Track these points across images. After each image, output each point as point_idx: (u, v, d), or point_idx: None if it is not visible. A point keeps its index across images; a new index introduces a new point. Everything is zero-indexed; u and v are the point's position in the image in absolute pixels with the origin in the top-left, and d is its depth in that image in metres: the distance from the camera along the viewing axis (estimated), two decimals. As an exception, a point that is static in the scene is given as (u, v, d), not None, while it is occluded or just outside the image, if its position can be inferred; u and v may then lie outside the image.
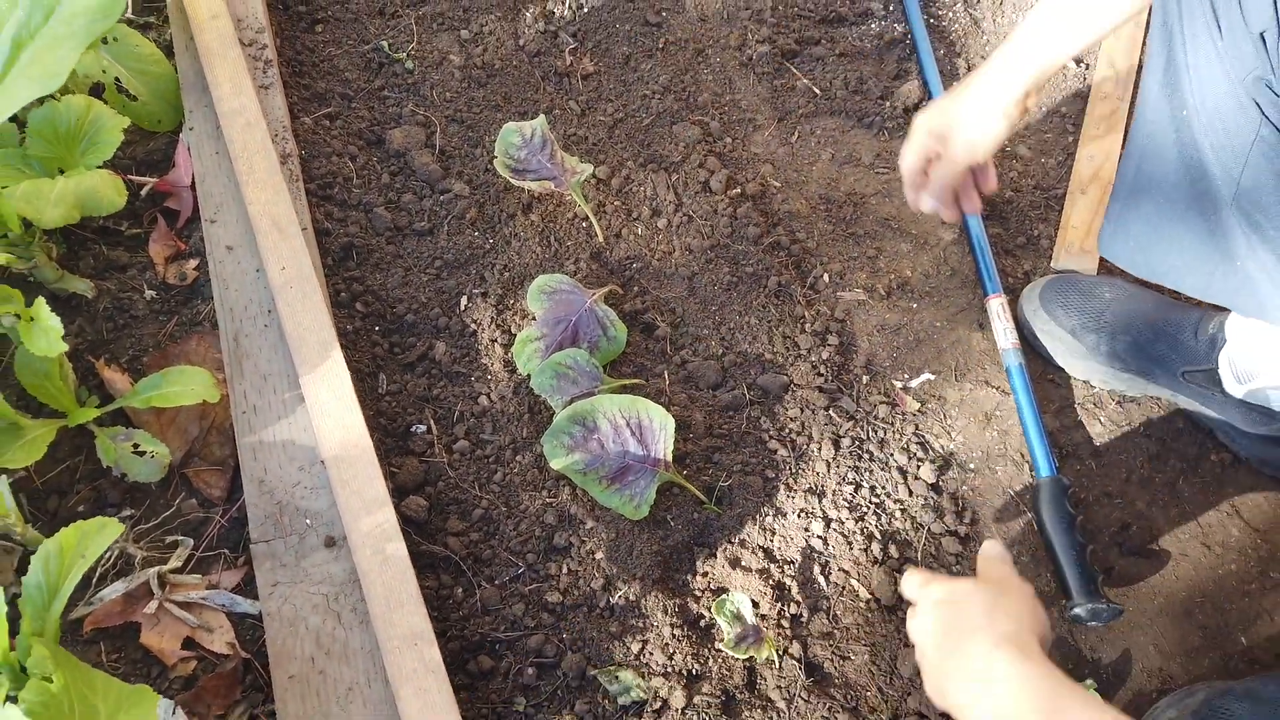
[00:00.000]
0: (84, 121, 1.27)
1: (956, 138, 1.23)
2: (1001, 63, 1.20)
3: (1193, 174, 1.03)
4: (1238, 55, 0.91)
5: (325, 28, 1.55)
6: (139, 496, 1.16)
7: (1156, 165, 1.07)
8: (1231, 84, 0.93)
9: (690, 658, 1.09)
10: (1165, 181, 1.07)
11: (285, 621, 1.05)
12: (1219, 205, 1.03)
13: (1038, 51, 1.18)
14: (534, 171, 1.34)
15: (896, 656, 1.11)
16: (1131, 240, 1.15)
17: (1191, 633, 1.18)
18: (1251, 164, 0.96)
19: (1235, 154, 0.97)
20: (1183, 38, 0.96)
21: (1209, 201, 1.04)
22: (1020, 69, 1.19)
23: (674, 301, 1.34)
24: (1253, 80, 0.91)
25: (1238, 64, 0.92)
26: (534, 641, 1.09)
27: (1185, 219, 1.08)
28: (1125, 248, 1.17)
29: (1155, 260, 1.14)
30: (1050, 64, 1.18)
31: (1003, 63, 1.20)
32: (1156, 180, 1.08)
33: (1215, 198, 1.03)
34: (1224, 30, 0.91)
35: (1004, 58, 1.20)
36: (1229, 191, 1.01)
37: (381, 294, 1.32)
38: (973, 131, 1.21)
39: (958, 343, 1.34)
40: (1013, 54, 1.19)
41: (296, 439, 1.15)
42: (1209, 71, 0.95)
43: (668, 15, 1.61)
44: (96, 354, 1.24)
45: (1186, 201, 1.06)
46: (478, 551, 1.15)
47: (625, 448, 1.15)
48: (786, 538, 1.17)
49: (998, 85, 1.20)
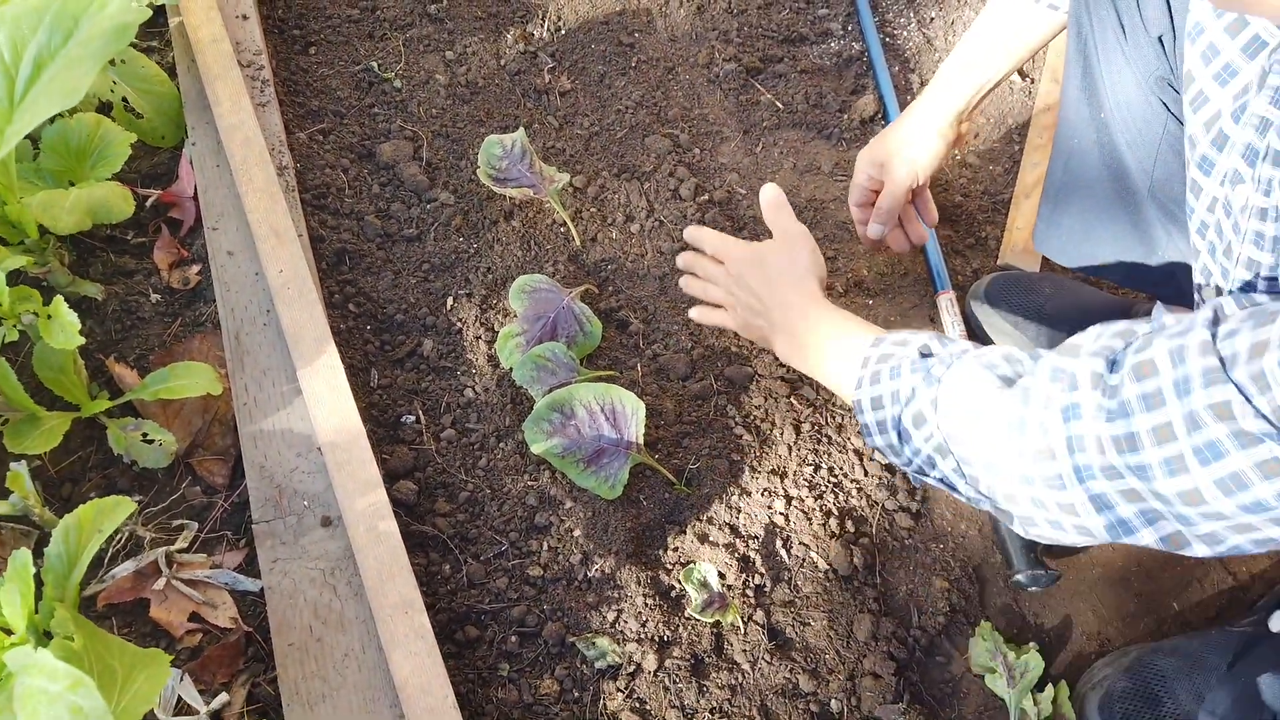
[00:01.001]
0: (94, 137, 1.36)
1: (897, 161, 1.31)
2: (937, 87, 1.30)
3: (1113, 171, 1.14)
4: (1142, 58, 1.02)
5: (318, 50, 1.66)
6: (147, 483, 1.24)
7: (1081, 165, 1.18)
8: (1140, 85, 1.04)
9: (662, 625, 1.17)
10: (1089, 179, 1.18)
11: (285, 594, 1.13)
12: (1138, 199, 1.14)
13: (969, 75, 1.28)
14: (514, 180, 1.44)
15: (853, 622, 1.20)
16: (1063, 235, 1.26)
17: (1127, 599, 1.27)
18: (1162, 157, 1.07)
19: (1147, 149, 1.08)
20: (1095, 45, 1.07)
21: (1129, 196, 1.14)
22: (953, 91, 1.29)
23: (646, 300, 1.44)
24: (1156, 80, 1.02)
25: (1143, 66, 1.02)
26: (517, 612, 1.18)
27: (1110, 213, 1.18)
28: (1058, 242, 1.27)
29: (1085, 253, 1.25)
30: (981, 85, 1.28)
31: (938, 86, 1.30)
32: (1082, 179, 1.19)
33: (1134, 192, 1.13)
34: (1129, 35, 1.02)
35: (938, 82, 1.30)
36: (1145, 185, 1.11)
37: (373, 295, 1.41)
38: (912, 150, 1.30)
39: (910, 335, 1.44)
40: (946, 78, 1.29)
41: (294, 428, 1.23)
42: (1120, 75, 1.06)
43: (640, 36, 1.72)
44: (106, 353, 1.32)
45: (1110, 197, 1.17)
46: (464, 531, 1.24)
47: (600, 432, 1.24)
48: (751, 515, 1.26)
49: (933, 107, 1.30)
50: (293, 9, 1.69)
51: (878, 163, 1.33)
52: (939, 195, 1.59)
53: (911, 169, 1.30)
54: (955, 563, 1.26)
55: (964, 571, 1.25)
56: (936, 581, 1.24)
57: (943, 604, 1.22)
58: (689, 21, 1.75)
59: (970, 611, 1.23)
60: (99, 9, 1.08)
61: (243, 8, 1.58)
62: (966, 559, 1.26)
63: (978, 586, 1.25)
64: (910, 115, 1.31)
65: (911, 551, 1.26)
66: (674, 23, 1.75)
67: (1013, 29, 1.23)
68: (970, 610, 1.23)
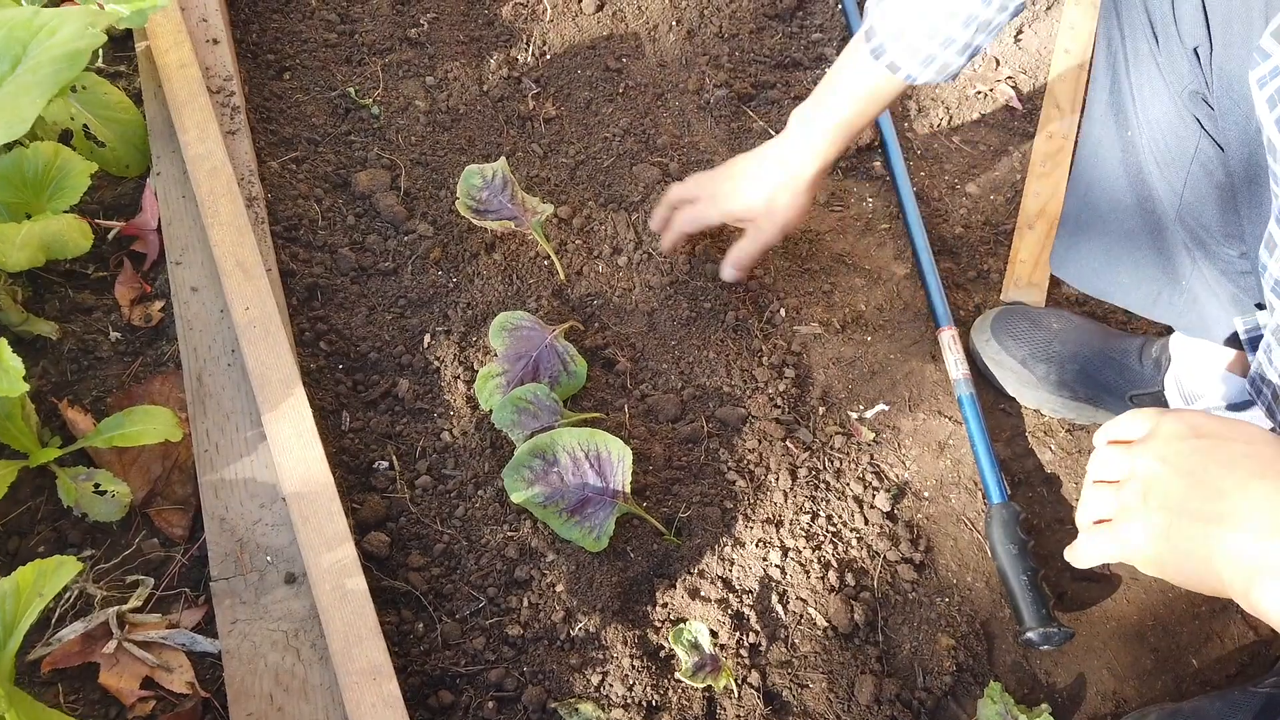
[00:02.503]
0: (51, 167, 1.29)
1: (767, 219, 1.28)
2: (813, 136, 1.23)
3: (1139, 193, 1.07)
4: (1175, 71, 0.95)
5: (293, 75, 1.59)
6: (100, 536, 1.16)
7: (1104, 185, 1.11)
8: (1173, 99, 0.97)
9: (650, 689, 1.09)
10: (1113, 201, 1.11)
11: (244, 659, 1.05)
12: (1164, 223, 1.07)
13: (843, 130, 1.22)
14: (495, 212, 1.37)
15: (854, 684, 1.12)
16: (1082, 259, 1.19)
17: (1144, 655, 1.20)
18: (1193, 178, 1.00)
19: (1177, 169, 1.01)
20: (1125, 57, 1.00)
21: (1154, 220, 1.08)
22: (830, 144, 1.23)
23: (634, 337, 1.37)
24: (1189, 95, 0.95)
25: (1176, 79, 0.95)
26: (494, 675, 1.10)
27: (1132, 238, 1.11)
28: (1076, 266, 1.20)
29: (1104, 279, 1.18)
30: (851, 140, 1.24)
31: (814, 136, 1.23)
32: (1105, 200, 1.12)
33: (1160, 216, 1.07)
34: (1162, 46, 0.95)
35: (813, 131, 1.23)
36: (1173, 207, 1.04)
37: (346, 333, 1.34)
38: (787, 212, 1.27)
39: (911, 374, 1.37)
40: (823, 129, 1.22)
41: (258, 476, 1.16)
42: (1152, 88, 0.99)
43: (628, 61, 1.66)
44: (60, 395, 1.24)
45: (1133, 220, 1.10)
46: (439, 586, 1.16)
47: (584, 480, 1.17)
48: (745, 567, 1.19)
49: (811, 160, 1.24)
50: (267, 33, 1.63)
51: (743, 215, 1.29)
52: (938, 225, 1.53)
53: (783, 228, 1.28)
54: (962, 618, 1.18)
55: (971, 628, 1.18)
56: (942, 639, 1.16)
57: (949, 663, 1.15)
58: (678, 46, 1.69)
59: (978, 671, 1.16)
60: (49, 35, 1.01)
61: (213, 31, 1.52)
62: (973, 614, 1.19)
63: (986, 644, 1.18)
64: (782, 165, 1.25)
65: (915, 606, 1.18)
66: (663, 47, 1.69)
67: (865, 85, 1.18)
68: (978, 669, 1.16)
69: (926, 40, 1.09)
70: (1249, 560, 0.62)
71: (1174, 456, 0.68)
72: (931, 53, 1.10)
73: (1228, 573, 0.64)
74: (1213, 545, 0.64)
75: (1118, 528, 0.71)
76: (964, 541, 1.24)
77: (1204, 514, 0.65)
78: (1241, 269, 1.02)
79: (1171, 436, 0.69)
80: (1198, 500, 0.66)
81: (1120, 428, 0.75)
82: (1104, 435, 0.77)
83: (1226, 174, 0.95)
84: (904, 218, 1.50)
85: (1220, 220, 0.99)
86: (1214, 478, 0.65)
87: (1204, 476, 0.66)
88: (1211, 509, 0.65)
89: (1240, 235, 0.98)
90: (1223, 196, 0.97)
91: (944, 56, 1.11)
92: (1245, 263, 1.01)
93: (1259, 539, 0.62)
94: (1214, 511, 0.65)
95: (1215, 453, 0.67)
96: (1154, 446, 0.70)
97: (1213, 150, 0.96)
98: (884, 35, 1.11)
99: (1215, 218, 1.00)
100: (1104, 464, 0.75)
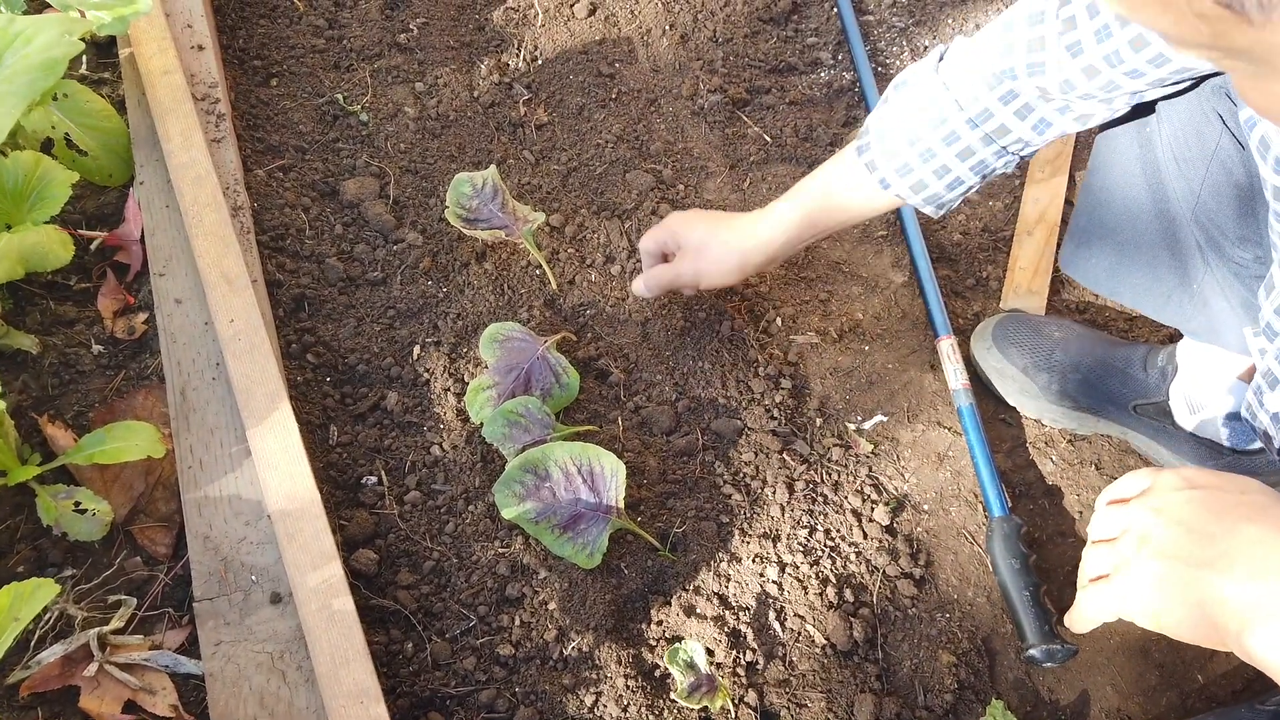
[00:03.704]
0: (32, 177, 1.26)
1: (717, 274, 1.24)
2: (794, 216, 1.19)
3: (1155, 191, 1.05)
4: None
5: (280, 81, 1.57)
6: (81, 555, 1.13)
7: (1120, 182, 1.08)
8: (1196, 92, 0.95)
9: (645, 709, 1.07)
10: (1128, 199, 1.09)
11: (228, 682, 1.02)
12: (1179, 223, 1.05)
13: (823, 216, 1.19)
14: (485, 221, 1.35)
15: (853, 703, 1.10)
16: (1093, 258, 1.16)
17: (1149, 671, 1.17)
18: (1211, 176, 0.98)
19: (1196, 166, 0.98)
20: None
21: (1169, 220, 1.05)
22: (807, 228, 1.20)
23: (628, 347, 1.35)
24: (1212, 88, 0.93)
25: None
26: (485, 696, 1.07)
27: (1146, 237, 1.09)
28: (1086, 265, 1.18)
29: (1116, 278, 1.16)
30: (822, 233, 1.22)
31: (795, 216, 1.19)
32: (1120, 198, 1.10)
33: (1175, 216, 1.04)
34: None
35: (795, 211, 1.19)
36: (1189, 206, 1.02)
37: (333, 345, 1.32)
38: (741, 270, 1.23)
39: (910, 384, 1.35)
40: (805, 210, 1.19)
41: (243, 493, 1.13)
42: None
43: (621, 66, 1.64)
44: (41, 411, 1.22)
45: (1148, 220, 1.08)
46: (428, 605, 1.13)
47: (577, 495, 1.14)
48: (741, 583, 1.16)
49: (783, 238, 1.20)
50: (254, 39, 1.60)
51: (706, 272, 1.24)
52: (936, 232, 1.51)
53: (722, 283, 1.25)
54: (963, 634, 1.16)
55: (972, 644, 1.16)
56: (943, 655, 1.14)
57: (950, 680, 1.12)
58: (672, 51, 1.67)
59: (980, 688, 1.13)
60: (24, 44, 0.99)
61: (198, 38, 1.50)
62: (975, 630, 1.17)
63: (988, 661, 1.15)
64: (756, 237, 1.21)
65: (915, 622, 1.16)
66: (656, 52, 1.67)
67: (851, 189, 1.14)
68: (980, 687, 1.14)
69: (907, 147, 1.06)
70: (1240, 603, 0.62)
71: (1168, 507, 0.69)
72: (908, 162, 1.07)
73: (1221, 618, 0.63)
74: (1205, 590, 0.64)
75: (1114, 581, 0.72)
76: (965, 555, 1.22)
77: (1196, 559, 0.65)
78: (1255, 273, 0.99)
79: (1166, 489, 0.70)
80: (1190, 547, 0.66)
81: (1119, 488, 0.75)
82: (1104, 497, 0.77)
83: (1247, 173, 0.93)
84: (901, 224, 1.47)
85: (1236, 222, 0.97)
86: (1205, 524, 0.66)
87: (1196, 524, 0.67)
88: (1202, 554, 0.65)
89: (1257, 239, 0.96)
90: (1241, 197, 0.95)
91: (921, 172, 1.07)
92: (1260, 266, 0.99)
93: (1251, 579, 0.62)
94: (1205, 557, 0.65)
95: (1208, 501, 0.67)
96: (1149, 499, 0.71)
97: (1234, 148, 0.94)
98: (872, 135, 1.10)
99: (1231, 219, 0.97)
100: (1103, 523, 0.75)
